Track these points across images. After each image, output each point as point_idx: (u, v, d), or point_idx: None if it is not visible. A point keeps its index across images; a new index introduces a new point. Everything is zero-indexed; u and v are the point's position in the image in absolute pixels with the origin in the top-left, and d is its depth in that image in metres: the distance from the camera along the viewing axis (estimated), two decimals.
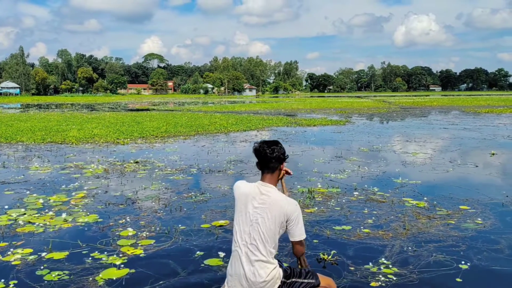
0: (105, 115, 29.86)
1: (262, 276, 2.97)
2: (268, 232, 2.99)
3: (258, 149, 3.12)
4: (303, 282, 3.13)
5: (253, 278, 2.98)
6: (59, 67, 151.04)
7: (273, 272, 3.01)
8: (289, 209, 3.02)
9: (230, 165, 9.85)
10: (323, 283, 3.21)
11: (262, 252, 2.98)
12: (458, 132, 17.37)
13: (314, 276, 3.20)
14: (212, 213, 6.06)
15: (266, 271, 2.98)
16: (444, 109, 37.36)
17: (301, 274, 3.16)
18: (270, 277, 2.99)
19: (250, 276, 2.98)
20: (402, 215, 5.83)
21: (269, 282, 3.00)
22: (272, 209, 3.00)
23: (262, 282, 2.98)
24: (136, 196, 7.06)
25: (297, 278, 3.13)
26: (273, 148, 3.09)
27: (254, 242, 2.99)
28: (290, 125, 20.96)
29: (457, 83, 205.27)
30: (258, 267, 2.98)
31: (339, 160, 10.47)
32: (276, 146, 3.12)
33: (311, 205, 6.39)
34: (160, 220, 5.72)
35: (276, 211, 2.99)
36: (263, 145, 3.11)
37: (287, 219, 3.02)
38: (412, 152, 11.78)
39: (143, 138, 15.50)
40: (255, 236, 2.99)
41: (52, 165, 10.08)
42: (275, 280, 3.02)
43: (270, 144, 3.12)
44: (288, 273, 3.13)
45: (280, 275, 3.06)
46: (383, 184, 7.76)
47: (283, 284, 3.08)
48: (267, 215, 2.99)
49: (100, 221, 5.73)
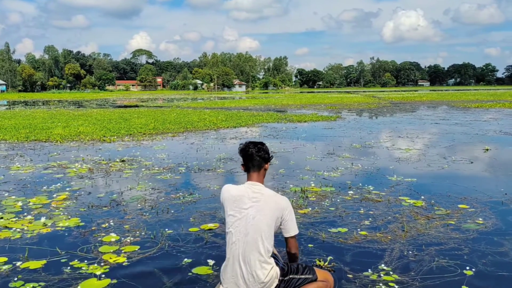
0: (92, 112, 29.32)
1: (260, 277, 2.98)
2: (266, 228, 3.02)
3: (244, 149, 3.21)
4: (301, 278, 3.14)
5: (251, 279, 2.98)
6: (46, 63, 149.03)
7: (271, 273, 3.03)
8: (283, 204, 3.11)
9: (220, 163, 9.54)
10: (321, 277, 3.21)
11: (260, 251, 2.99)
12: (449, 127, 17.23)
13: (311, 271, 3.20)
14: (201, 215, 5.76)
15: (264, 272, 2.99)
16: (433, 104, 37.36)
17: (298, 270, 3.17)
18: (268, 278, 3.01)
19: (248, 277, 2.99)
20: (399, 216, 5.58)
21: (267, 283, 3.01)
22: (267, 205, 3.05)
23: (261, 283, 2.99)
24: (121, 197, 6.72)
25: (295, 275, 3.13)
26: (259, 147, 3.20)
27: (252, 240, 2.99)
28: (281, 121, 20.69)
29: (445, 78, 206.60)
30: (256, 268, 2.98)
31: (331, 157, 10.21)
32: (260, 146, 3.22)
33: (304, 205, 6.11)
34: (146, 224, 5.40)
35: (272, 207, 3.04)
36: (249, 145, 3.21)
37: (282, 214, 3.08)
38: (405, 148, 11.57)
39: (130, 135, 15.11)
40: (253, 234, 3.00)
41: (35, 164, 9.69)
42: (273, 280, 3.04)
43: (255, 144, 3.23)
44: (285, 271, 3.13)
45: (277, 274, 3.07)
46: (378, 182, 7.52)
47: (281, 282, 3.09)
48: (263, 211, 3.02)
49: (81, 225, 5.40)
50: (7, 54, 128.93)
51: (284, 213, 3.08)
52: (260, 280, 2.98)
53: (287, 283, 3.11)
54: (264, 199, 3.06)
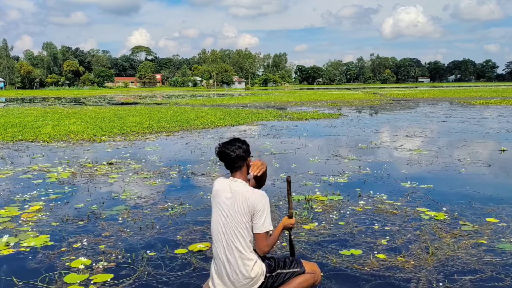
0: (87, 109, 28.52)
1: (244, 273, 2.93)
2: (241, 224, 2.95)
3: (219, 152, 3.09)
4: (288, 272, 3.12)
5: (235, 276, 2.95)
6: (45, 60, 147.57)
7: (255, 268, 2.97)
8: (253, 200, 2.96)
9: (215, 166, 8.76)
10: (308, 269, 3.19)
11: (238, 248, 2.94)
12: (457, 125, 16.44)
13: (298, 264, 3.18)
14: (190, 231, 4.98)
15: (247, 268, 2.94)
16: (436, 100, 36.54)
17: (286, 264, 3.14)
18: (253, 273, 2.95)
19: (232, 274, 2.95)
20: (421, 233, 4.80)
21: (253, 279, 2.96)
22: (239, 202, 2.97)
23: (246, 279, 2.94)
24: (101, 208, 5.94)
25: (282, 269, 3.10)
26: (233, 149, 3.05)
27: (230, 236, 2.96)
28: (281, 119, 19.89)
29: (445, 74, 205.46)
30: (238, 265, 2.94)
31: (336, 160, 9.42)
32: (234, 146, 3.06)
33: (309, 219, 5.33)
34: (125, 243, 4.62)
35: (242, 203, 2.96)
36: (223, 148, 3.08)
37: (254, 210, 2.96)
38: (415, 149, 10.78)
39: (123, 134, 14.32)
40: (230, 230, 2.97)
41: (14, 168, 8.90)
42: (259, 277, 2.98)
43: (228, 145, 3.08)
44: (272, 267, 3.08)
45: (263, 271, 3.01)
46: (391, 190, 6.73)
47: (269, 277, 3.03)
48: (235, 208, 2.97)
49: (50, 244, 4.62)
50: (5, 51, 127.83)
51: (255, 209, 2.95)
52: (244, 276, 2.93)
53: (275, 278, 3.06)
54: (237, 197, 3.00)
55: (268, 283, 3.04)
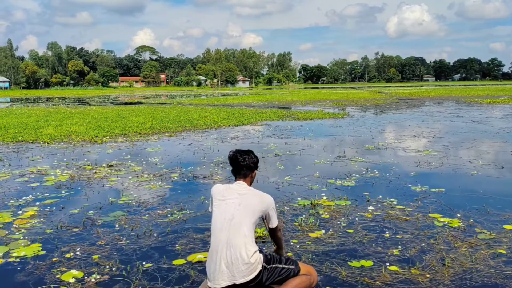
0: (90, 109, 28.34)
1: (244, 258, 2.97)
2: (252, 214, 3.10)
3: (231, 157, 3.35)
4: (284, 268, 3.17)
5: (235, 261, 2.96)
6: (49, 60, 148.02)
7: (255, 255, 3.03)
8: (268, 201, 3.24)
9: (218, 169, 8.49)
10: (303, 270, 3.24)
11: (245, 233, 3.03)
12: (466, 125, 16.09)
13: (294, 262, 3.26)
14: (190, 240, 4.71)
15: (248, 253, 2.99)
16: (443, 99, 36.11)
17: (281, 260, 3.22)
18: (253, 259, 3.00)
19: (232, 260, 2.97)
20: (435, 242, 4.51)
21: (252, 264, 2.99)
22: (253, 198, 3.17)
23: (245, 264, 2.96)
24: (98, 214, 5.68)
25: (278, 264, 3.16)
26: (245, 157, 3.31)
27: (238, 224, 3.04)
28: (285, 118, 19.60)
29: (451, 73, 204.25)
30: (241, 249, 2.98)
31: (343, 161, 9.13)
32: (247, 155, 3.34)
33: (316, 226, 5.04)
34: (120, 253, 4.36)
35: (257, 200, 3.17)
36: (236, 154, 3.34)
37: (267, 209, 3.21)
38: (424, 150, 10.46)
39: (125, 135, 14.08)
40: (239, 217, 3.06)
41: (12, 170, 8.67)
42: (257, 265, 3.03)
43: (242, 153, 3.34)
44: (268, 259, 3.15)
45: (261, 260, 3.08)
46: (400, 194, 6.44)
47: (264, 269, 3.08)
48: (249, 201, 3.14)
49: (41, 254, 4.37)
50: (10, 51, 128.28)
51: (268, 209, 3.22)
52: (244, 261, 2.97)
53: (270, 272, 3.11)
54: (251, 193, 3.21)
55: (264, 276, 3.09)
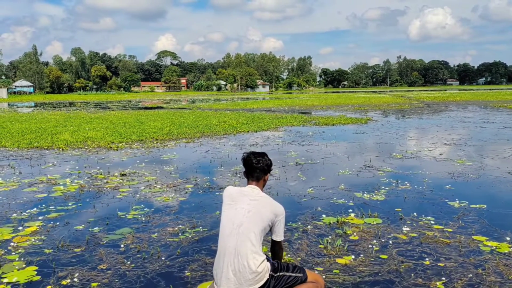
0: (110, 114, 28.23)
1: (251, 267, 2.94)
2: (260, 223, 3.06)
3: (245, 158, 3.32)
4: (291, 276, 3.13)
5: (242, 269, 2.93)
6: (73, 65, 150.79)
7: (263, 264, 3.00)
8: (279, 210, 3.19)
9: (235, 179, 7.97)
10: (311, 278, 3.21)
11: (253, 241, 2.99)
12: (499, 131, 15.20)
13: (301, 270, 3.21)
14: (201, 265, 4.18)
15: (256, 262, 2.96)
16: (469, 104, 34.90)
17: (289, 268, 3.18)
18: (260, 268, 2.97)
19: (239, 268, 2.94)
20: (483, 272, 3.87)
21: (259, 274, 2.96)
22: (263, 206, 3.13)
23: (252, 273, 2.93)
24: (103, 231, 5.21)
25: (285, 272, 3.13)
26: (259, 159, 3.29)
27: (246, 231, 3.00)
28: (306, 124, 18.99)
29: (475, 77, 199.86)
30: (248, 258, 2.94)
31: (369, 172, 8.50)
32: (262, 157, 3.31)
33: (344, 249, 4.45)
34: (122, 280, 3.86)
35: (267, 208, 3.13)
36: (250, 155, 3.31)
37: (275, 219, 3.15)
38: (457, 159, 9.72)
39: (141, 141, 13.70)
40: (247, 225, 3.02)
41: (21, 179, 8.32)
42: (264, 274, 3.00)
43: (256, 155, 3.31)
44: (275, 267, 3.12)
45: (268, 269, 3.05)
46: (437, 210, 5.79)
47: (271, 277, 3.05)
48: (259, 209, 3.09)
49: (35, 280, 3.90)
50: (34, 56, 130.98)
51: (277, 219, 3.16)
52: (252, 270, 2.94)
53: (278, 280, 3.08)
54: (262, 200, 3.17)
55: (271, 285, 3.04)
